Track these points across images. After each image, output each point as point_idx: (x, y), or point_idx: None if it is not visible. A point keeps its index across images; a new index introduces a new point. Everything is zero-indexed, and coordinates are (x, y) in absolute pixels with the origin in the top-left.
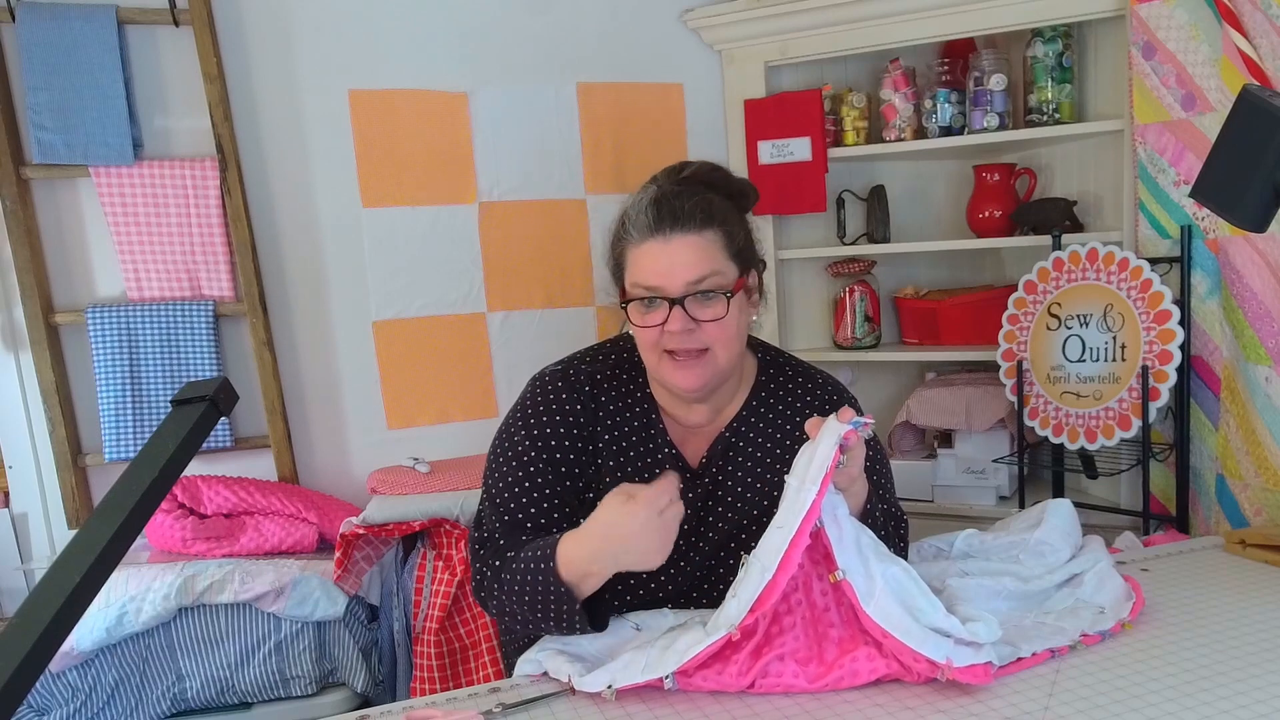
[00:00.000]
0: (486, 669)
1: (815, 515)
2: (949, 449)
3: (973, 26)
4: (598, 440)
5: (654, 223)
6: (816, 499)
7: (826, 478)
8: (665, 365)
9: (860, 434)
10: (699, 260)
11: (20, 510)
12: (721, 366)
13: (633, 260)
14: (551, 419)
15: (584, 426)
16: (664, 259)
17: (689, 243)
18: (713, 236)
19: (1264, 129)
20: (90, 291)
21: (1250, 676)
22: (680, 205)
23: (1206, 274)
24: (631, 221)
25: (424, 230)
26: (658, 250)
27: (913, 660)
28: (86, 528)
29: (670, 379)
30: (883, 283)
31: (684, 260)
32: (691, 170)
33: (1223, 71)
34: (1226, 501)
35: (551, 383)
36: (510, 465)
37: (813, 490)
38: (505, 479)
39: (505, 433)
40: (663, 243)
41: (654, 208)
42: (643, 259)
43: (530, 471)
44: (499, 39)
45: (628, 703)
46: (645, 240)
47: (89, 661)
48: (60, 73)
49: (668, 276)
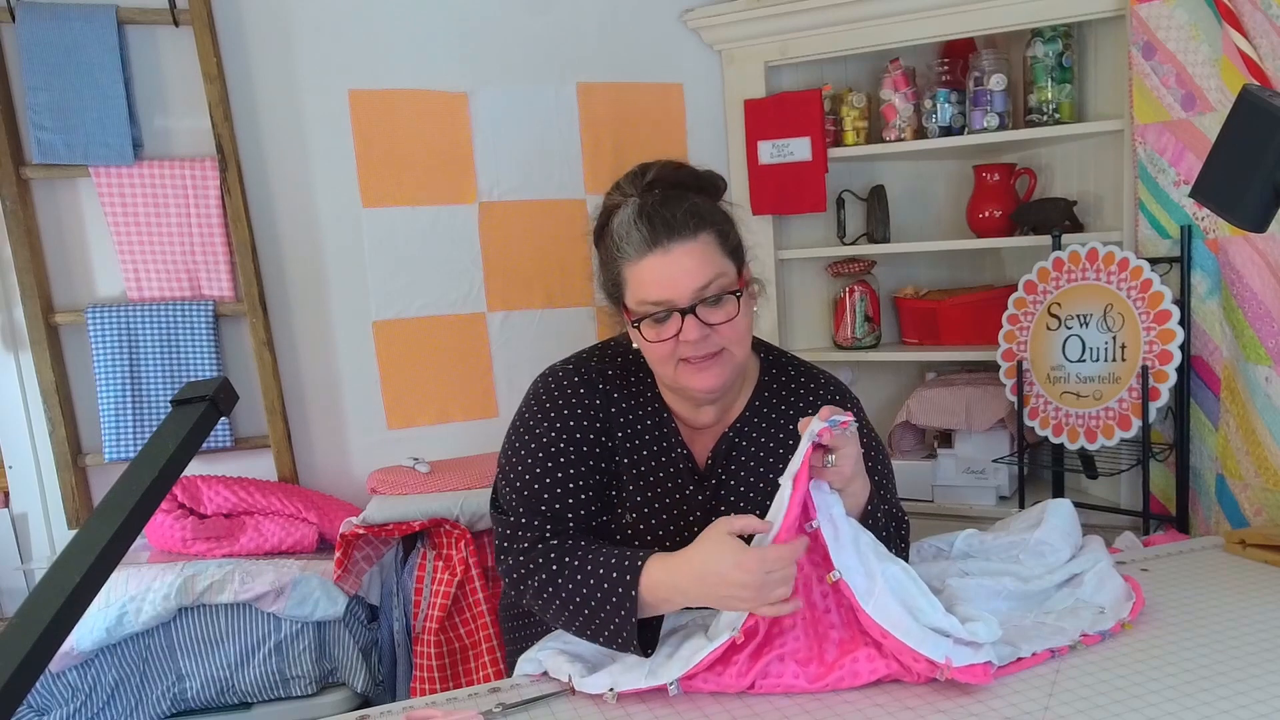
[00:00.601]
0: (486, 669)
1: (795, 511)
2: (949, 449)
3: (973, 26)
4: (614, 437)
5: (649, 237)
6: (793, 495)
7: (800, 475)
8: (683, 372)
9: (836, 432)
10: (701, 266)
11: (20, 510)
12: (738, 362)
13: (633, 278)
14: (572, 410)
15: (602, 421)
16: (667, 271)
17: (688, 250)
18: (708, 239)
19: (1264, 129)
20: (90, 291)
21: (1250, 676)
22: (670, 214)
23: (1206, 274)
24: (624, 239)
25: (424, 230)
26: (659, 263)
27: (912, 660)
28: (86, 528)
29: (689, 384)
30: (883, 283)
31: (687, 268)
32: (655, 173)
33: (1223, 71)
34: (1226, 501)
35: (566, 378)
36: (536, 456)
37: (788, 486)
38: (533, 470)
39: (523, 424)
40: (663, 255)
41: (645, 222)
42: (645, 274)
43: (560, 462)
44: (499, 39)
45: (628, 703)
46: (644, 256)
47: (89, 661)
48: (60, 73)
49: (675, 287)
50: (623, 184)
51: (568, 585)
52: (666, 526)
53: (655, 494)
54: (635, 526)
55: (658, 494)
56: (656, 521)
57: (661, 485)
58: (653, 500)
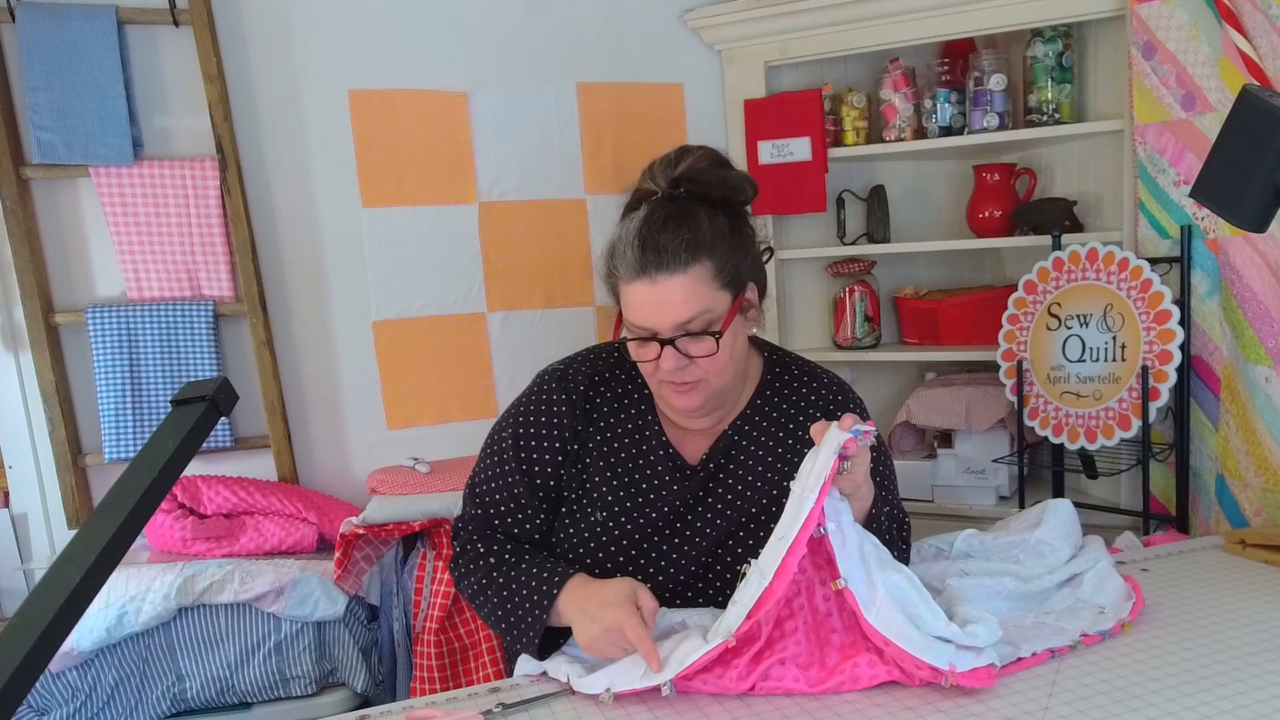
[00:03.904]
0: (486, 669)
1: (814, 523)
2: (949, 449)
3: (973, 26)
4: (587, 441)
5: (639, 265)
6: (814, 507)
7: (825, 486)
8: (665, 389)
9: (861, 442)
10: (686, 300)
11: (20, 510)
12: (717, 390)
13: (625, 297)
14: (538, 421)
15: (569, 429)
16: (652, 301)
17: (675, 284)
18: (699, 272)
19: (1264, 129)
20: (90, 291)
21: (1250, 676)
22: (665, 242)
23: (1206, 274)
24: (619, 256)
25: (424, 230)
26: (645, 292)
27: (914, 667)
28: (86, 528)
29: (670, 401)
30: (883, 283)
31: (670, 302)
32: (688, 165)
33: (1223, 71)
34: (1226, 501)
35: (548, 383)
36: (492, 460)
37: (811, 498)
38: (485, 471)
39: (499, 424)
40: (649, 284)
41: (639, 246)
42: (632, 298)
43: (506, 470)
44: (499, 39)
45: (627, 703)
46: (632, 280)
47: (89, 661)
48: (60, 73)
49: (657, 318)
50: (655, 169)
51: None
52: (640, 525)
53: (629, 492)
54: (605, 524)
55: (631, 493)
56: (628, 520)
57: (637, 485)
58: (625, 500)
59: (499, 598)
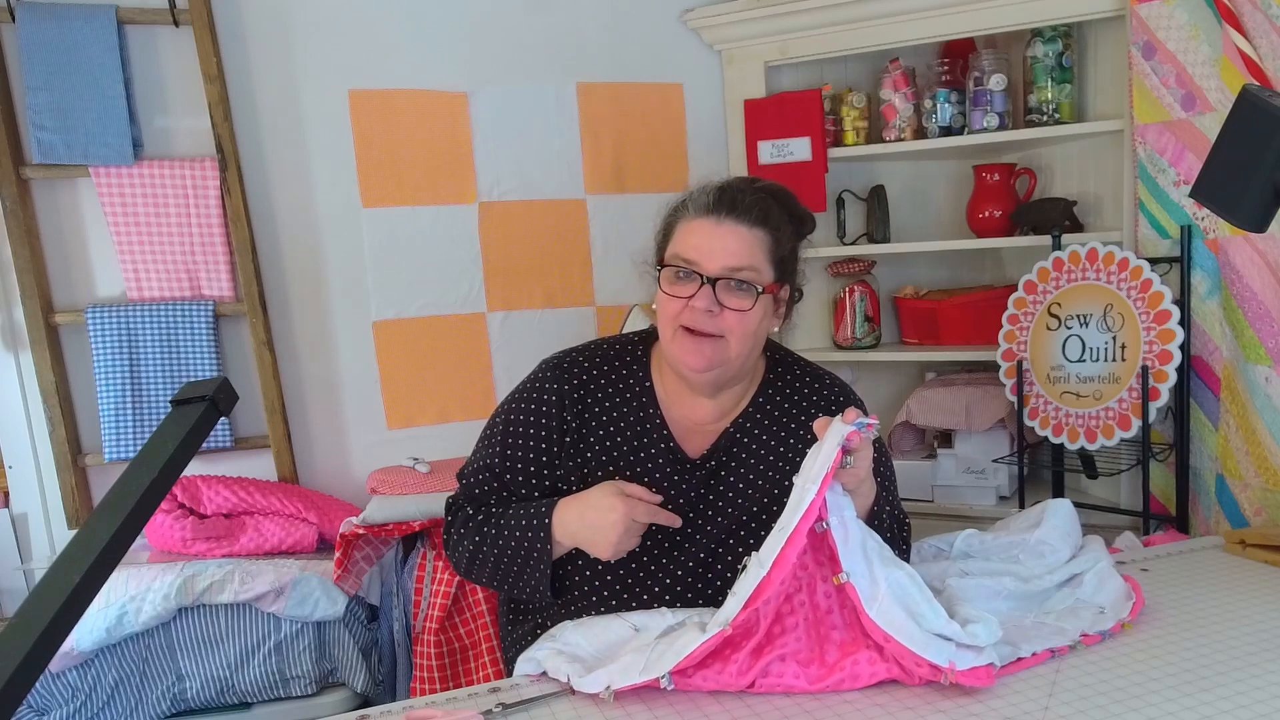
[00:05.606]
0: (486, 669)
1: (813, 515)
2: (949, 449)
3: (973, 26)
4: (584, 429)
5: (713, 204)
6: (815, 499)
7: (827, 477)
8: (679, 340)
9: (864, 435)
10: (741, 250)
11: (20, 510)
12: (731, 356)
13: (680, 232)
14: (529, 408)
15: (566, 419)
16: (710, 239)
17: (738, 232)
18: (761, 235)
19: (1264, 129)
20: (90, 291)
21: (1250, 676)
22: (741, 197)
23: (1206, 274)
24: (692, 199)
25: (424, 230)
26: (708, 229)
27: (914, 665)
28: (86, 528)
29: (680, 355)
30: (883, 283)
31: (728, 246)
32: (764, 183)
33: (1223, 71)
34: (1226, 501)
35: (544, 371)
36: (483, 443)
37: (812, 490)
38: (483, 451)
39: (501, 407)
40: (714, 223)
41: (718, 191)
42: (690, 234)
43: (493, 453)
44: (499, 39)
45: (628, 703)
46: (699, 217)
47: (89, 661)
48: (60, 73)
49: (708, 255)
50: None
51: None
52: None
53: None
54: None
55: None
56: None
57: (638, 477)
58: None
59: (495, 549)
